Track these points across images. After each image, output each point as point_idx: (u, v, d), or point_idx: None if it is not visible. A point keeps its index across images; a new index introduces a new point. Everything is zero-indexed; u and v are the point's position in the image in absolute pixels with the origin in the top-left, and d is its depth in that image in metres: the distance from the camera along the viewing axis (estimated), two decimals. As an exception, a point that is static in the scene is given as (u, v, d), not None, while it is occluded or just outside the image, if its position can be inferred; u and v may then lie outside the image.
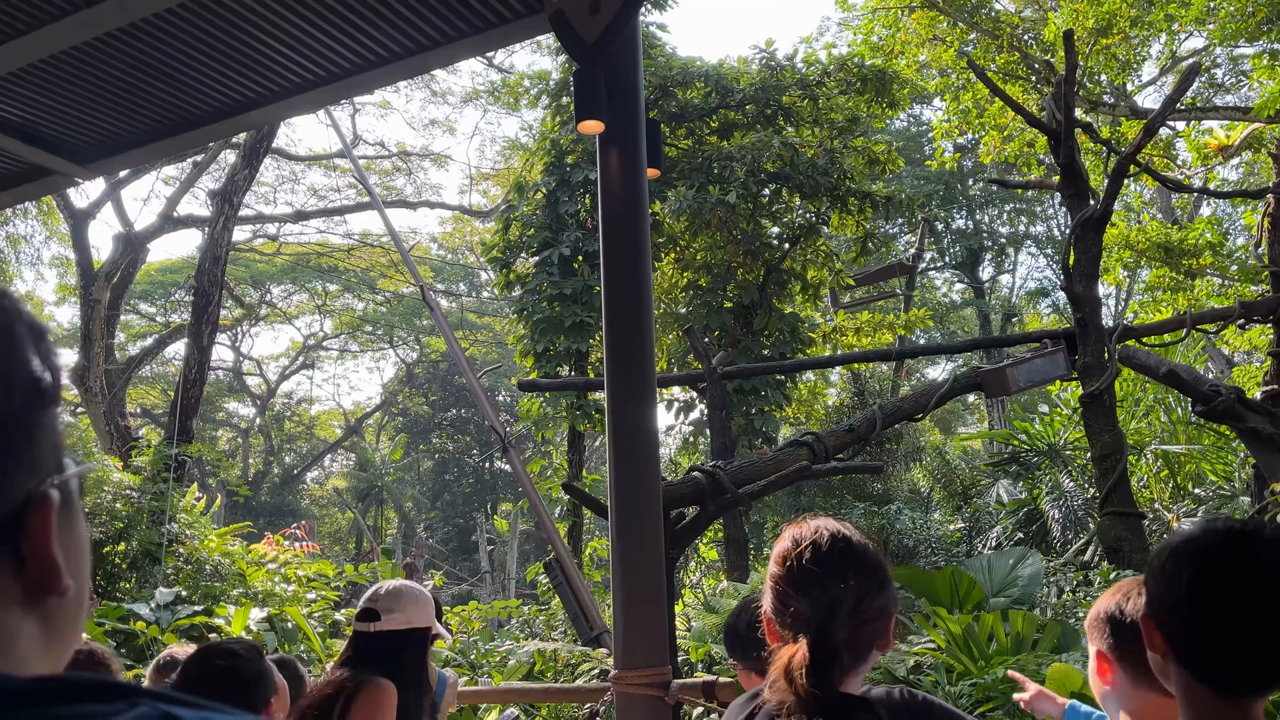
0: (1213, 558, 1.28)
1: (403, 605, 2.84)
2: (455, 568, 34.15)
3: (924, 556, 11.41)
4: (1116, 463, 6.70)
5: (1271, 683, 1.27)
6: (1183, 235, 13.83)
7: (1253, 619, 1.24)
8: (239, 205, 13.75)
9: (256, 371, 36.86)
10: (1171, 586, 1.29)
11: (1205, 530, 1.32)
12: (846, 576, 1.62)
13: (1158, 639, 1.31)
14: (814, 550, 1.65)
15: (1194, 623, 1.27)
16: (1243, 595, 1.24)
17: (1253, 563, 1.25)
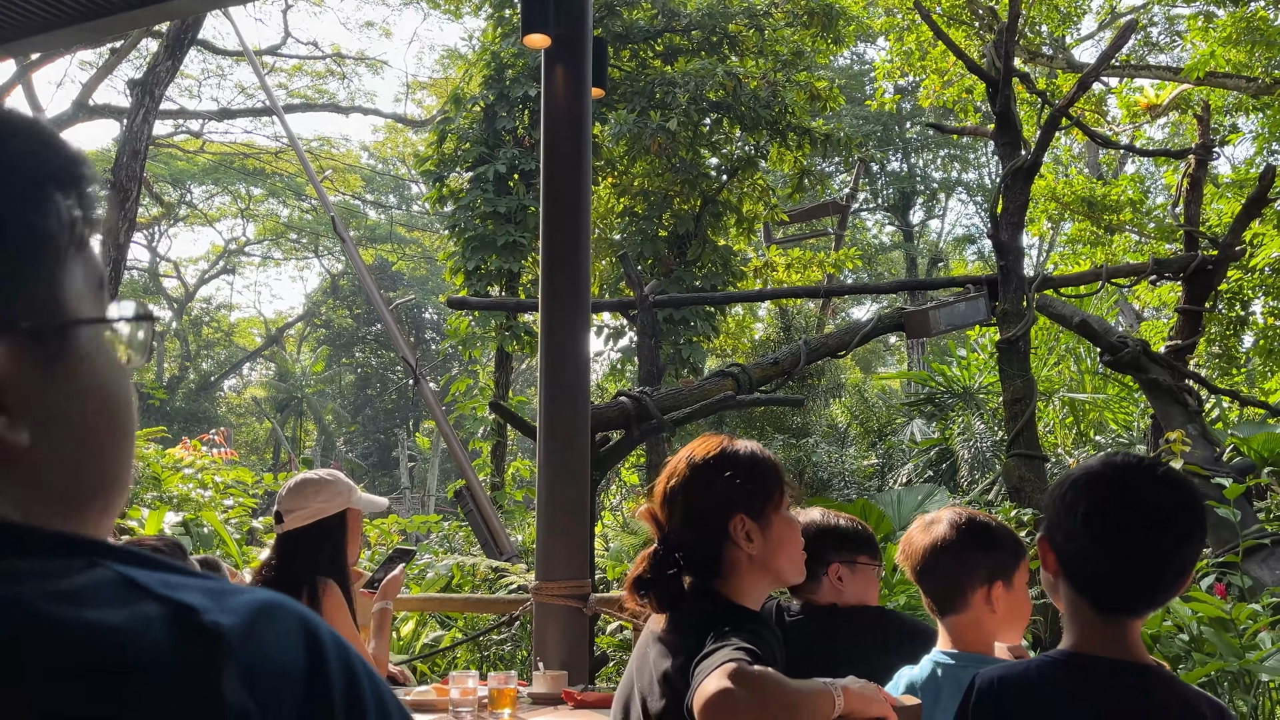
0: (1106, 489, 1.39)
1: (305, 499, 2.83)
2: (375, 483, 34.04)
3: (837, 489, 11.78)
4: (1026, 407, 6.96)
5: (1149, 605, 1.39)
6: (1106, 191, 14.19)
7: (1136, 547, 1.35)
8: (160, 98, 13.15)
9: (174, 274, 35.74)
10: (1068, 513, 1.40)
11: (1104, 463, 1.43)
12: (694, 480, 1.71)
13: (1051, 560, 1.42)
14: (687, 458, 1.75)
15: (1084, 547, 1.38)
16: (1128, 524, 1.36)
17: (1141, 496, 1.37)
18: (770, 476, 1.75)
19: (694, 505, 1.71)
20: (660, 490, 1.75)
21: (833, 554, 2.34)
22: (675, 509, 1.72)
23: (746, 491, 1.70)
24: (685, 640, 1.60)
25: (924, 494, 9.91)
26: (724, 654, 1.48)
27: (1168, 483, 1.39)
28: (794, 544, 1.76)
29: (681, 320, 13.07)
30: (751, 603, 1.71)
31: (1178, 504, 1.38)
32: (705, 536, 1.70)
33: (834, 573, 2.34)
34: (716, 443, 1.76)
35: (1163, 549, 1.36)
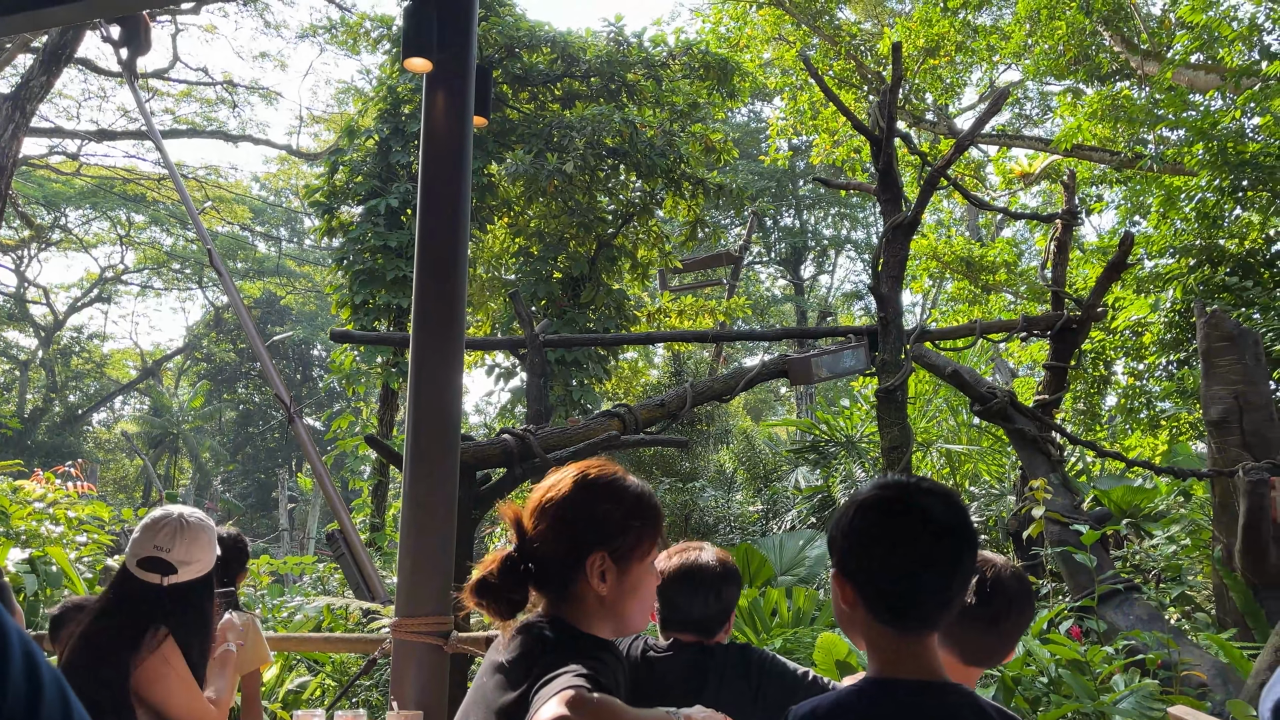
0: (888, 507, 1.43)
1: (200, 552, 2.57)
2: (254, 524, 32.71)
3: (722, 534, 11.83)
4: (902, 455, 7.13)
5: (944, 614, 1.42)
6: (984, 252, 14.88)
7: (924, 556, 1.40)
8: (32, 114, 12.55)
9: (43, 300, 33.91)
10: (851, 537, 1.43)
11: (877, 486, 1.48)
12: (559, 508, 1.68)
13: (848, 591, 1.45)
14: (554, 490, 1.71)
15: (870, 567, 1.41)
16: (914, 535, 1.41)
17: (920, 508, 1.42)
18: (649, 522, 1.71)
19: (564, 524, 1.66)
20: (537, 498, 1.70)
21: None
22: (544, 521, 1.67)
23: (619, 529, 1.67)
24: (525, 669, 1.54)
25: (805, 539, 10.03)
26: (563, 680, 1.43)
27: (940, 494, 1.45)
28: (647, 594, 1.73)
29: (574, 361, 13.05)
30: (596, 634, 1.67)
31: (953, 513, 1.44)
32: (564, 559, 1.65)
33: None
34: (610, 470, 1.72)
35: (949, 555, 1.41)
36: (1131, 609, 5.41)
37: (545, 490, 1.71)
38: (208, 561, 2.60)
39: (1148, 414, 12.35)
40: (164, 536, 2.54)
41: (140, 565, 2.51)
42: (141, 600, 2.51)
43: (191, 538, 2.56)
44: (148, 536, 2.55)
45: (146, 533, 2.56)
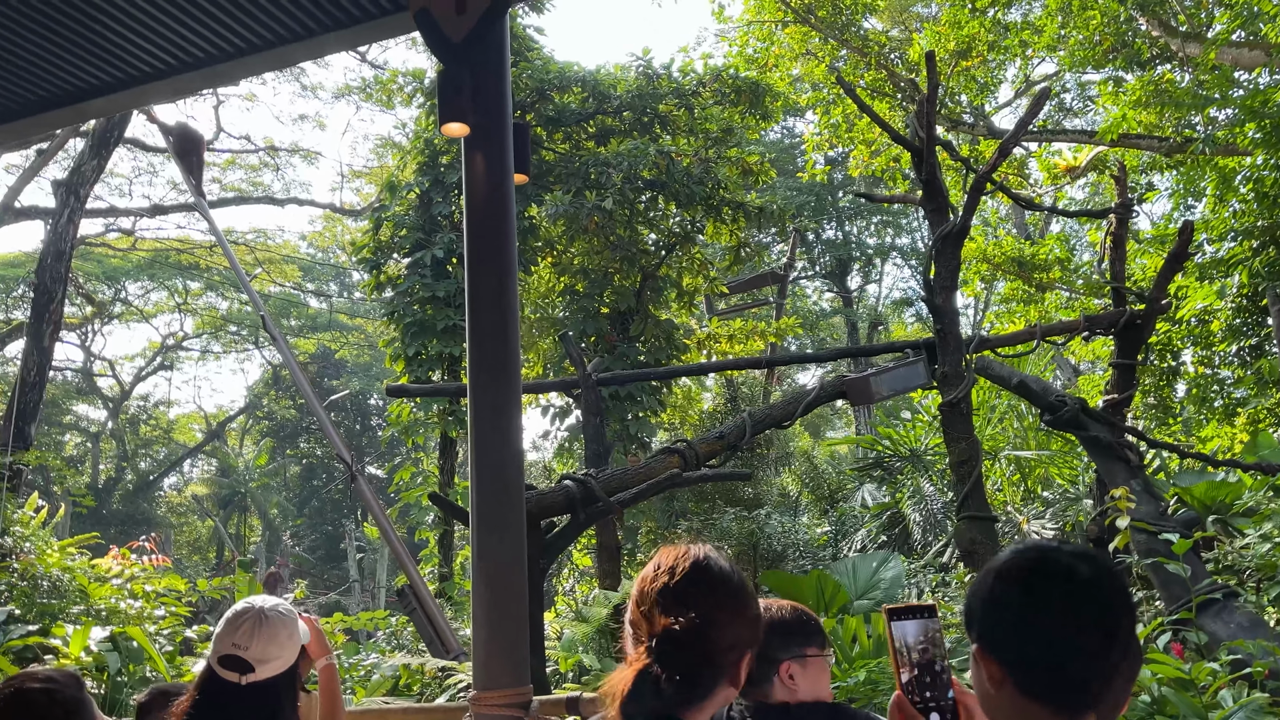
0: (1024, 574, 1.32)
1: (279, 648, 2.50)
2: (324, 577, 33.08)
3: (792, 560, 11.66)
4: (972, 468, 6.95)
5: (1103, 690, 1.30)
6: (1034, 251, 14.58)
7: (1072, 626, 1.28)
8: (86, 197, 12.94)
9: (109, 372, 34.83)
10: (993, 608, 1.33)
11: (1013, 552, 1.37)
12: (691, 606, 1.56)
13: (994, 668, 1.32)
14: (668, 576, 1.61)
15: (1019, 641, 1.30)
16: (1059, 603, 1.30)
17: (1060, 572, 1.32)
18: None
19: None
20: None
21: (781, 652, 2.23)
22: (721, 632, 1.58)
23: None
24: None
25: (878, 560, 9.82)
26: None
27: (1086, 556, 1.34)
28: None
29: (628, 396, 13.01)
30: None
31: (1106, 575, 1.32)
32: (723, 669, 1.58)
33: (785, 671, 2.23)
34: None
35: (1108, 622, 1.30)
36: (1231, 617, 5.17)
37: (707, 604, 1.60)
38: (288, 658, 2.56)
39: (1222, 402, 11.96)
40: (242, 634, 2.50)
41: (220, 663, 2.49)
42: (224, 699, 2.48)
43: (270, 635, 2.51)
44: (227, 633, 2.52)
45: (227, 629, 2.53)
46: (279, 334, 8.73)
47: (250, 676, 2.44)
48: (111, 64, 4.35)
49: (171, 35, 4.12)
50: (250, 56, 4.32)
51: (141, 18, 3.94)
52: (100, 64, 4.34)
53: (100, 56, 4.27)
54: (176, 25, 4.04)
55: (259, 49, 4.29)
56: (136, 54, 4.26)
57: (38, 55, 4.17)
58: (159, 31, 4.08)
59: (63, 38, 4.05)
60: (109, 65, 4.36)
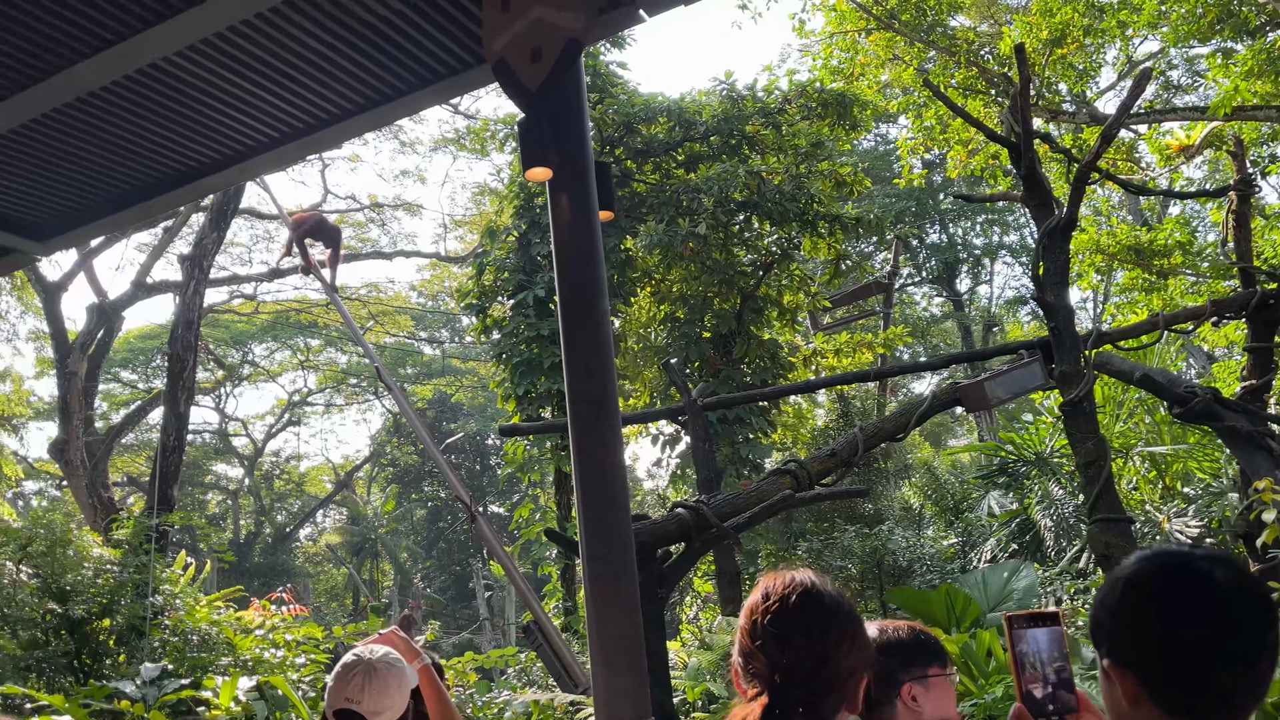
0: (1157, 581, 1.25)
1: (390, 699, 2.59)
2: (455, 616, 33.78)
3: (919, 575, 11.35)
4: (1101, 469, 6.66)
5: (1250, 704, 1.23)
6: (1152, 236, 13.94)
7: (1216, 636, 1.20)
8: (209, 269, 13.69)
9: (242, 432, 36.60)
10: (1124, 619, 1.26)
11: (1140, 559, 1.30)
12: (808, 637, 1.56)
13: (1129, 684, 1.26)
14: (780, 606, 1.60)
15: (1156, 653, 1.23)
16: (1200, 611, 1.22)
17: (1197, 577, 1.23)
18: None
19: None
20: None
21: (902, 673, 2.18)
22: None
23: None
24: None
25: (1010, 570, 9.47)
26: None
27: (1222, 560, 1.26)
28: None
29: (737, 419, 12.95)
30: None
31: (1247, 580, 1.25)
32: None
33: (907, 693, 2.17)
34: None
35: (1253, 631, 1.22)
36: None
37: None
38: (399, 707, 2.64)
39: (1376, 380, 11.14)
40: (354, 688, 2.59)
41: (336, 716, 2.58)
42: None
43: (380, 687, 2.59)
44: (340, 688, 2.61)
45: (338, 683, 2.63)
46: (394, 383, 9.04)
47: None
48: (220, 141, 4.60)
49: (273, 110, 4.33)
50: (348, 120, 4.50)
51: (245, 95, 4.16)
52: (210, 142, 4.60)
53: (209, 135, 4.52)
54: (277, 100, 4.26)
55: (354, 113, 4.47)
56: (243, 130, 4.50)
57: (153, 138, 4.45)
58: (261, 107, 4.30)
59: (175, 120, 4.30)
60: (217, 143, 4.61)
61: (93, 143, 4.48)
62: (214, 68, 3.97)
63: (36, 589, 9.13)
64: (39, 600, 9.00)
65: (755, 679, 1.58)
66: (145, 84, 4.02)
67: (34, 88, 3.92)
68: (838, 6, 15.24)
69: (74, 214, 5.21)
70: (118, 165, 4.75)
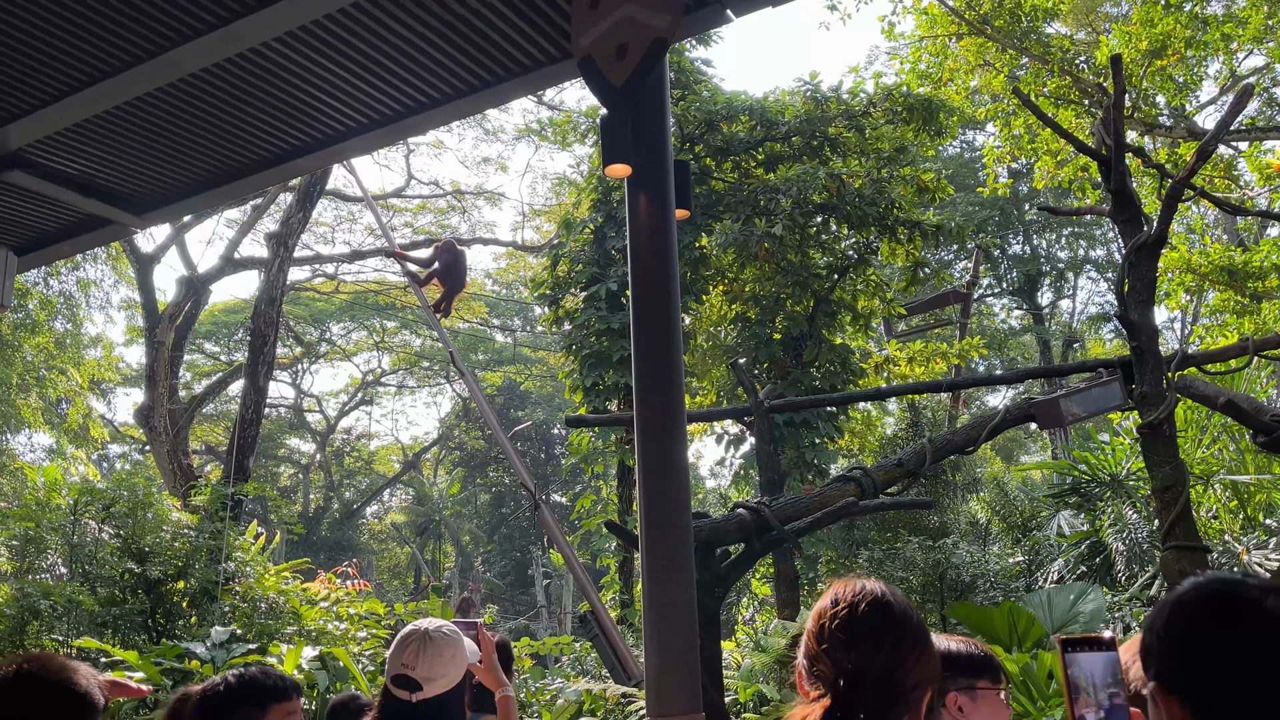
0: (1212, 605, 1.23)
1: (444, 667, 2.65)
2: (514, 602, 34.19)
3: (982, 591, 11.14)
4: (1178, 495, 6.46)
5: None
6: (1247, 258, 13.45)
7: (1276, 666, 1.18)
8: (294, 247, 14.07)
9: (316, 408, 37.52)
10: (1175, 642, 1.24)
11: (1194, 584, 1.27)
12: (877, 646, 1.56)
13: (1175, 710, 1.23)
14: (849, 613, 1.60)
15: (1207, 680, 1.21)
16: (1268, 642, 1.19)
17: (1252, 604, 1.21)
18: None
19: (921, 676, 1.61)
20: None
21: (948, 682, 2.16)
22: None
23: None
24: None
25: (1076, 593, 9.22)
26: None
27: (1276, 589, 1.23)
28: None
29: (803, 423, 12.86)
30: None
31: None
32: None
33: (953, 703, 2.15)
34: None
35: None
36: None
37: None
38: (454, 676, 2.69)
39: None
40: (410, 655, 2.65)
41: (393, 683, 2.66)
42: (399, 716, 2.66)
43: (435, 654, 2.65)
44: (397, 654, 2.69)
45: (396, 651, 2.71)
46: (466, 369, 9.19)
47: (419, 694, 2.61)
48: (312, 126, 4.75)
49: (364, 96, 4.45)
50: (435, 109, 4.61)
51: (337, 82, 4.29)
52: (303, 127, 4.74)
53: (302, 120, 4.67)
54: (367, 87, 4.37)
55: (442, 102, 4.57)
56: (334, 115, 4.63)
57: (248, 121, 4.60)
58: (353, 94, 4.43)
59: (270, 103, 4.45)
60: (310, 127, 4.75)
61: (191, 123, 4.66)
62: (309, 54, 4.10)
63: (117, 548, 9.52)
64: (118, 559, 9.38)
65: (819, 682, 1.58)
66: (243, 68, 4.17)
67: (138, 67, 4.10)
68: (929, 10, 15.00)
69: (170, 190, 5.43)
70: (214, 145, 4.93)
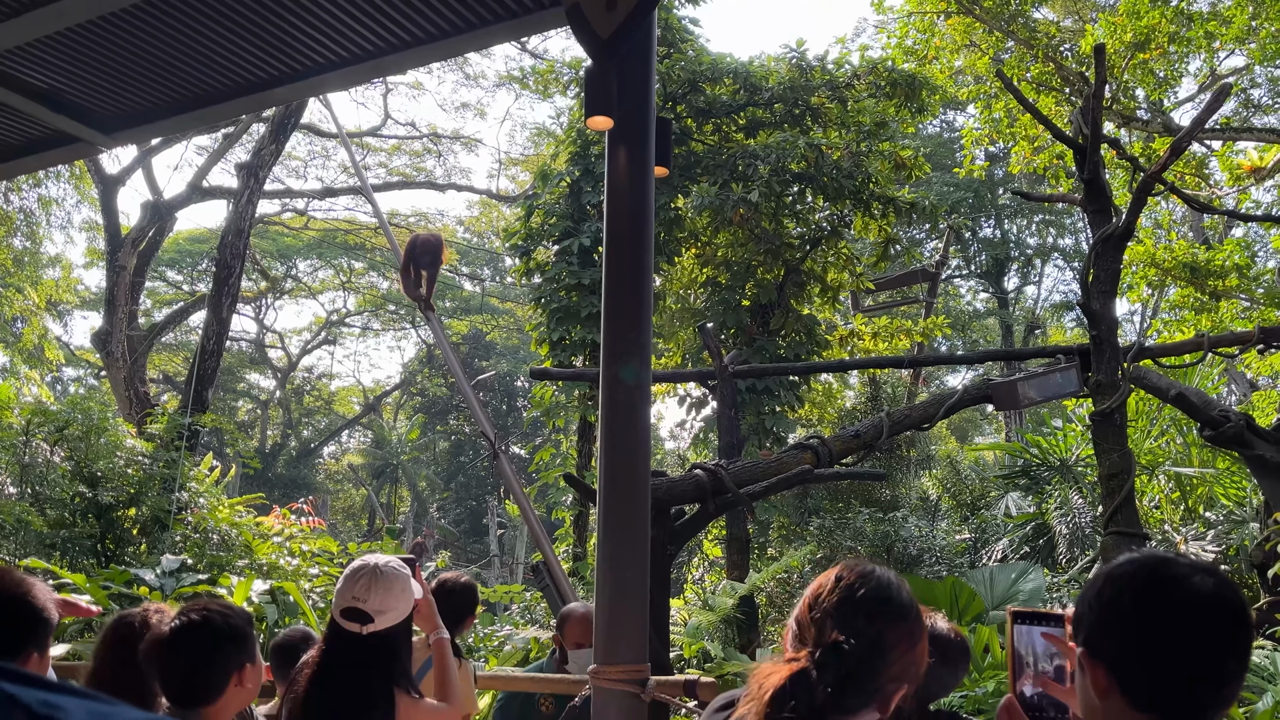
0: (1139, 580, 1.30)
1: (394, 600, 2.70)
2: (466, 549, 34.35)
3: (927, 565, 11.39)
4: (1123, 482, 6.63)
5: (1216, 706, 1.28)
6: (1210, 256, 13.68)
7: (1188, 636, 1.26)
8: (264, 179, 13.84)
9: (279, 344, 37.16)
10: (1103, 613, 1.31)
11: (1127, 560, 1.34)
12: (864, 629, 1.55)
13: (1099, 676, 1.31)
14: (849, 590, 1.60)
15: (1130, 649, 1.28)
16: (1175, 612, 1.27)
17: (1177, 581, 1.29)
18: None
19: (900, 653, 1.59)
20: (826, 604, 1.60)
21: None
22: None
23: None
24: None
25: (1018, 571, 9.48)
26: None
27: (1203, 568, 1.31)
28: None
29: (765, 390, 12.97)
30: None
31: (1224, 587, 1.29)
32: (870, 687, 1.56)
33: None
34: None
35: (1223, 635, 1.27)
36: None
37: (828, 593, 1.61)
38: (403, 610, 2.75)
39: None
40: (361, 588, 2.70)
41: (343, 615, 2.70)
42: (348, 648, 2.70)
43: (385, 588, 2.70)
44: (347, 587, 2.73)
45: (346, 584, 2.75)
46: (433, 318, 9.14)
47: (370, 627, 2.65)
48: (291, 56, 4.65)
49: (345, 30, 4.37)
50: (418, 48, 4.53)
51: (319, 13, 4.20)
52: (281, 56, 4.65)
53: (280, 50, 4.58)
54: (350, 20, 4.30)
55: (425, 41, 4.49)
56: (313, 47, 4.55)
57: (225, 48, 4.51)
58: (334, 26, 4.35)
59: (249, 30, 4.36)
60: (288, 58, 4.66)
61: (167, 43, 4.56)
62: (293, -18, 4.01)
63: (68, 472, 9.43)
64: (69, 482, 9.30)
65: (803, 647, 1.59)
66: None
67: (116, -19, 3.99)
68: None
69: (142, 111, 5.31)
70: (190, 68, 4.83)
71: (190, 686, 2.31)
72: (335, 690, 2.67)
